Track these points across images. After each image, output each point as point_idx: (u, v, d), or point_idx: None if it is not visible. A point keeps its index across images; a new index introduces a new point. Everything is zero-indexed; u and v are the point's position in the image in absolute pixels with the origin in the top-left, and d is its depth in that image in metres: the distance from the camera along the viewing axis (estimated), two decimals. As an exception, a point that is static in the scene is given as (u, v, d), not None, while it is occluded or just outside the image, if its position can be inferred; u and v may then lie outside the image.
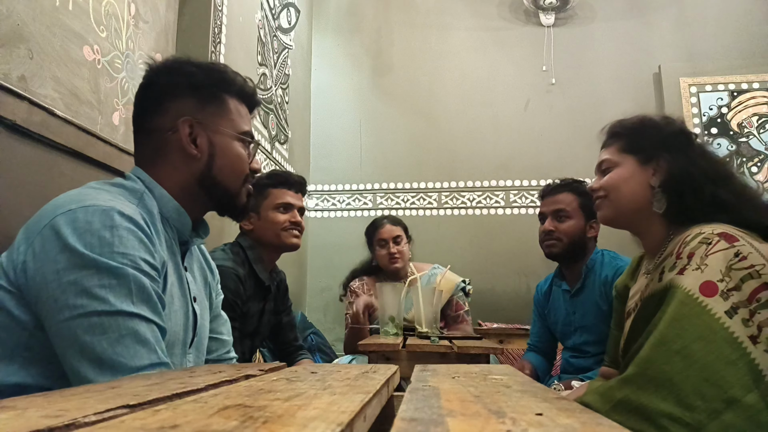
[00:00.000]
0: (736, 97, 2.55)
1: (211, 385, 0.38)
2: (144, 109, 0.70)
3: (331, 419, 0.26)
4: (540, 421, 0.28)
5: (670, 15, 2.70)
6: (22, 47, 0.89)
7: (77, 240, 0.54)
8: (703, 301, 0.65)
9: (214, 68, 0.73)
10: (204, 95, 0.70)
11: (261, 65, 2.08)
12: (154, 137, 0.69)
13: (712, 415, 0.59)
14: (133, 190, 0.65)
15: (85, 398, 0.33)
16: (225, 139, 0.71)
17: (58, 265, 0.54)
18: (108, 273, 0.54)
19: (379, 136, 2.76)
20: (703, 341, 0.62)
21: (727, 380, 0.60)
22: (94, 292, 0.53)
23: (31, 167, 0.89)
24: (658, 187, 0.80)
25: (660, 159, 0.81)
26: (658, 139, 0.83)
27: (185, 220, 0.69)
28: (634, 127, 0.87)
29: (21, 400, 0.32)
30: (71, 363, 0.53)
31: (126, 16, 1.25)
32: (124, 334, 0.53)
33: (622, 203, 0.84)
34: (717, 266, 0.66)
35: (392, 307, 1.21)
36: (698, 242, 0.69)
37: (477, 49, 2.80)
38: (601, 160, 0.89)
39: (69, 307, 0.53)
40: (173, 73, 0.70)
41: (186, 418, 0.26)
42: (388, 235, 1.72)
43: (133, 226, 0.58)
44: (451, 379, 0.45)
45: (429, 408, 0.31)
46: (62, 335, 0.53)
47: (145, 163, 0.70)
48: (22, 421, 0.25)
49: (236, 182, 0.72)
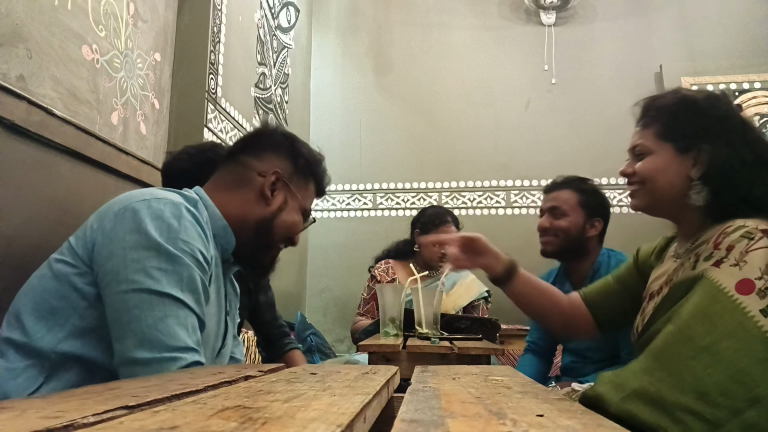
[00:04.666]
0: (738, 97, 2.55)
1: (210, 386, 0.38)
2: (246, 147, 0.82)
3: (330, 420, 0.26)
4: (541, 422, 0.28)
5: (671, 14, 2.69)
6: (20, 47, 0.89)
7: (149, 223, 0.62)
8: (738, 298, 0.62)
9: (317, 155, 0.86)
10: (299, 166, 0.82)
11: (260, 64, 2.07)
12: (241, 170, 0.79)
13: (734, 413, 0.58)
14: (189, 198, 0.72)
15: (83, 399, 0.32)
16: (295, 204, 0.81)
17: (126, 243, 0.61)
18: (167, 258, 0.61)
19: (379, 136, 2.76)
20: (733, 339, 0.60)
21: (755, 378, 0.58)
22: (152, 272, 0.60)
23: (30, 167, 0.89)
24: (698, 179, 0.74)
25: (701, 149, 0.75)
26: (699, 126, 0.76)
27: (230, 239, 0.76)
28: (673, 110, 0.79)
29: (20, 401, 0.32)
30: (118, 333, 0.60)
31: (125, 16, 1.25)
32: (169, 314, 0.60)
33: (659, 194, 0.79)
34: (757, 264, 0.63)
35: (393, 308, 1.20)
36: (740, 236, 0.66)
37: (478, 48, 2.80)
38: (635, 144, 0.82)
39: (128, 281, 0.60)
40: (286, 138, 0.84)
41: (185, 419, 0.26)
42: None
43: (195, 221, 0.66)
44: (452, 380, 0.44)
45: (429, 409, 0.31)
46: (116, 306, 0.60)
47: (216, 186, 0.79)
48: (21, 422, 0.25)
49: (281, 239, 0.81)
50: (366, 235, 2.60)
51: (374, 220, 2.69)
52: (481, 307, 1.80)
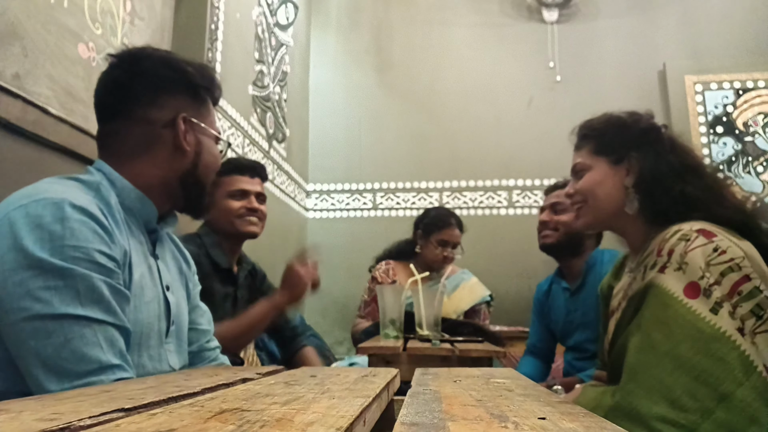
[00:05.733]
0: (742, 96, 2.54)
1: (207, 389, 0.38)
2: (135, 97, 0.68)
3: (329, 424, 0.26)
4: (543, 425, 0.27)
5: (675, 11, 2.68)
6: (16, 45, 0.88)
7: (27, 236, 0.53)
8: (687, 302, 0.65)
9: (206, 69, 0.75)
10: (197, 95, 0.72)
11: (258, 62, 2.07)
12: (144, 129, 0.68)
13: (705, 414, 0.60)
14: (89, 182, 0.64)
15: (79, 401, 0.32)
16: (208, 138, 0.73)
17: (6, 265, 0.53)
18: (54, 274, 0.53)
19: (380, 135, 2.75)
20: (690, 341, 0.63)
21: (717, 377, 0.61)
22: (38, 294, 0.52)
23: (25, 166, 0.89)
24: (632, 187, 0.80)
25: (630, 158, 0.81)
26: (626, 137, 0.83)
27: (150, 209, 0.69)
28: (602, 127, 0.87)
29: (15, 403, 0.32)
30: (24, 367, 0.53)
31: (121, 13, 1.24)
32: (70, 338, 0.52)
33: (601, 207, 0.84)
34: (697, 263, 0.67)
35: (393, 310, 1.20)
36: (677, 239, 0.70)
37: (479, 45, 2.79)
38: (575, 164, 0.89)
39: (14, 310, 0.52)
40: (172, 68, 0.70)
41: (182, 422, 0.26)
42: (452, 239, 1.72)
43: (86, 217, 0.57)
44: (453, 382, 0.44)
45: (430, 412, 0.30)
46: (11, 339, 0.53)
47: (120, 154, 0.68)
48: (17, 424, 0.25)
49: (210, 181, 0.75)
50: (366, 235, 2.59)
51: (374, 220, 2.68)
52: (483, 311, 1.79)
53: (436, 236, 1.72)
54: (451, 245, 1.72)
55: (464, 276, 1.82)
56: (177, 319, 0.73)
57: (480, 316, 1.77)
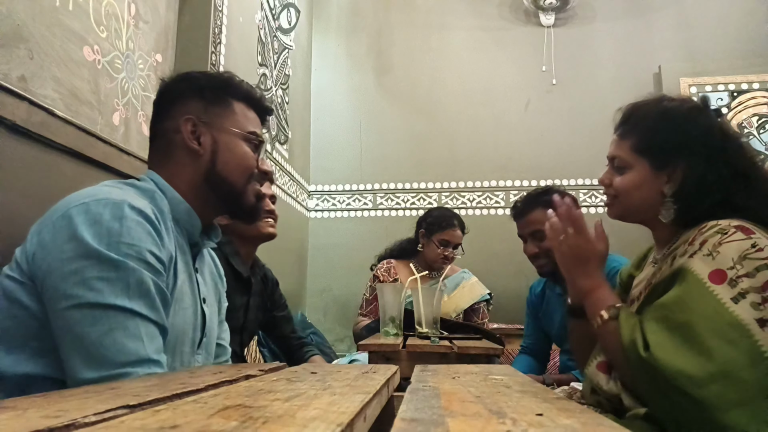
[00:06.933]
0: (736, 98, 2.55)
1: (211, 386, 0.38)
2: (156, 115, 0.75)
3: (331, 419, 0.26)
4: (540, 421, 0.28)
5: (670, 15, 2.69)
6: (22, 47, 0.89)
7: (86, 230, 0.56)
8: (710, 286, 0.65)
9: (220, 74, 0.78)
10: (208, 97, 0.74)
11: (261, 65, 2.08)
12: (162, 140, 0.74)
13: (713, 378, 0.60)
14: (145, 189, 0.68)
15: (84, 398, 0.33)
16: (229, 136, 0.74)
17: (64, 254, 0.55)
18: (108, 265, 0.55)
19: (380, 137, 2.76)
20: (708, 321, 0.63)
21: (722, 354, 0.61)
22: (92, 283, 0.54)
23: (31, 168, 0.89)
24: (670, 196, 0.76)
25: (676, 167, 0.75)
26: (677, 142, 0.76)
27: (195, 222, 0.72)
28: (653, 122, 0.79)
29: (21, 400, 0.32)
30: (65, 353, 0.55)
31: (126, 16, 1.25)
32: (114, 327, 0.54)
33: (632, 208, 0.81)
34: (729, 255, 0.66)
35: (393, 308, 1.20)
36: (714, 231, 0.69)
37: (477, 49, 2.80)
38: (613, 156, 0.83)
39: (67, 296, 0.54)
40: (181, 80, 0.76)
41: (186, 418, 0.26)
42: (454, 239, 1.73)
43: (142, 218, 0.60)
44: (452, 379, 0.45)
45: (429, 408, 0.31)
46: (59, 325, 0.55)
47: (155, 167, 0.73)
48: (23, 421, 0.26)
49: (241, 179, 0.74)
50: (366, 235, 2.60)
51: (374, 220, 2.69)
52: (482, 310, 1.80)
53: (438, 236, 1.72)
54: (452, 245, 1.73)
55: (464, 275, 1.83)
56: (209, 332, 0.75)
57: (479, 315, 1.78)
